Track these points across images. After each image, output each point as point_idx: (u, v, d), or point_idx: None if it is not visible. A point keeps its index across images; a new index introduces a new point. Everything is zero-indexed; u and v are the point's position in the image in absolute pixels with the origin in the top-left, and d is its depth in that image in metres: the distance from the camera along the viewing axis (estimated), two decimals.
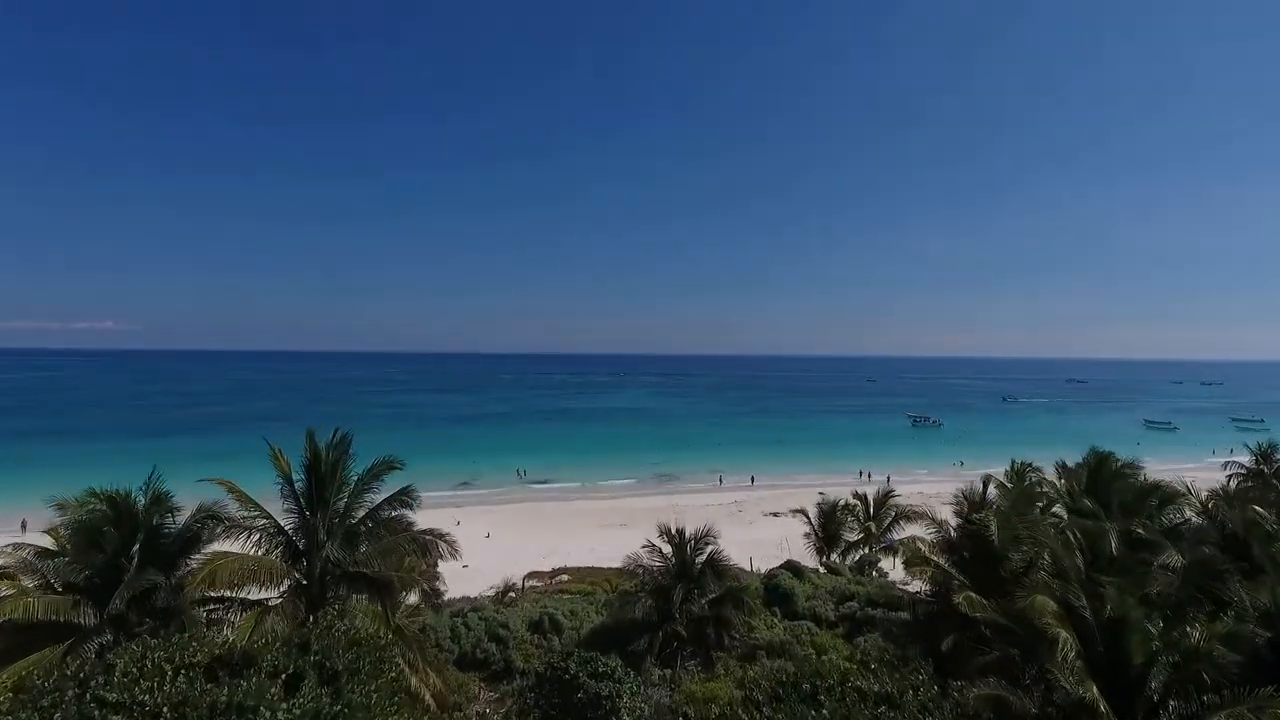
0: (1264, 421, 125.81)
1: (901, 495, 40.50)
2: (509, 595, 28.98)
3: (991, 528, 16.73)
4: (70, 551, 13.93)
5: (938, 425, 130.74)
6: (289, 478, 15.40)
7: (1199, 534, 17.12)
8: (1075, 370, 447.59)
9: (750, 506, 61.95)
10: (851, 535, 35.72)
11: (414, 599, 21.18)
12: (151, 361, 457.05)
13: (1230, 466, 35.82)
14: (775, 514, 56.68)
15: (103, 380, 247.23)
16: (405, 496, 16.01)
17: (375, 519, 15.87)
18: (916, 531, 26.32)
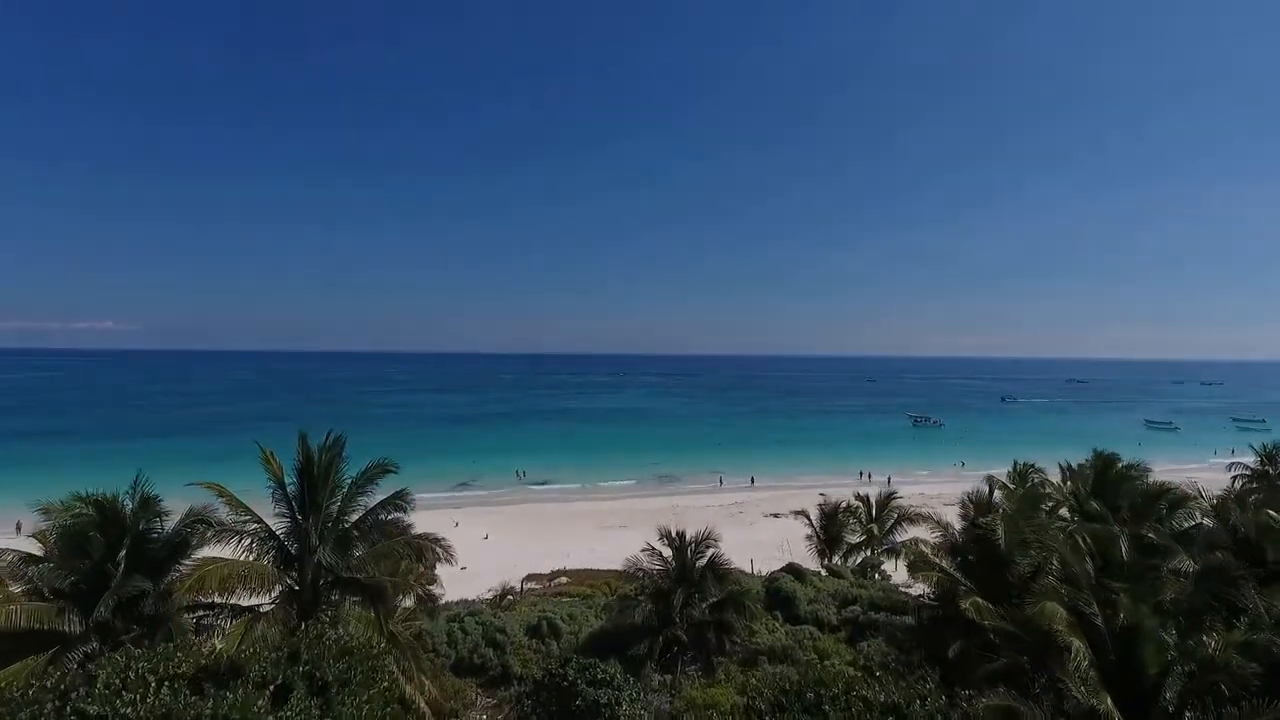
0: (1265, 421, 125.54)
1: (903, 496, 40.17)
2: (507, 599, 28.66)
3: (998, 531, 16.39)
4: (55, 557, 13.59)
5: (939, 425, 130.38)
6: (281, 481, 15.06)
7: (1211, 538, 16.78)
8: (1075, 370, 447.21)
9: (751, 508, 61.60)
10: (853, 537, 35.38)
11: (410, 603, 20.83)
12: (151, 361, 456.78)
13: (1235, 468, 35.51)
14: (776, 515, 56.35)
15: (103, 380, 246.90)
16: (399, 500, 15.67)
17: (369, 523, 15.53)
18: (919, 534, 26.00)
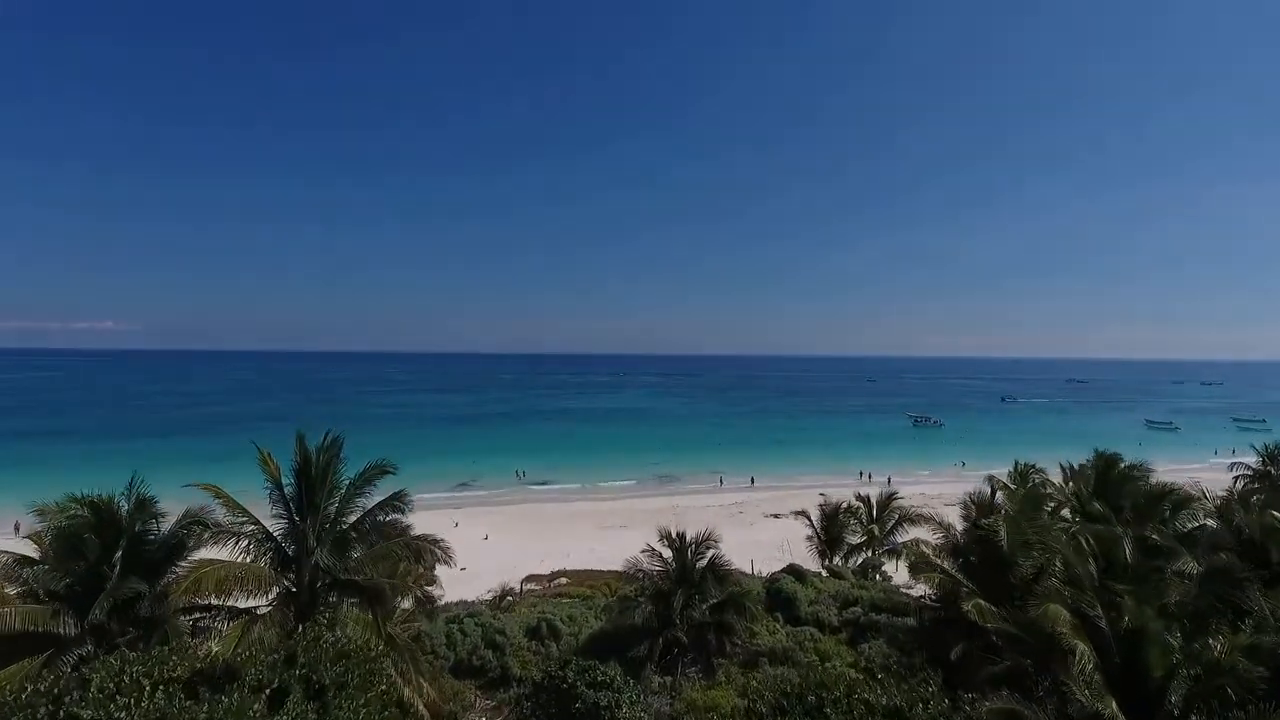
0: (1265, 421, 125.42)
1: (904, 497, 40.04)
2: (506, 600, 28.54)
3: (1001, 533, 16.27)
4: (50, 559, 13.48)
5: (939, 425, 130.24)
6: (278, 482, 14.95)
7: (1215, 540, 16.67)
8: (1075, 370, 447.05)
9: (751, 508, 61.49)
10: (854, 538, 35.27)
11: (408, 604, 20.74)
12: (151, 361, 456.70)
13: (1236, 468, 35.42)
14: (776, 515, 56.23)
15: (103, 380, 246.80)
16: (397, 501, 15.55)
17: (367, 524, 15.42)
18: (920, 534, 25.89)
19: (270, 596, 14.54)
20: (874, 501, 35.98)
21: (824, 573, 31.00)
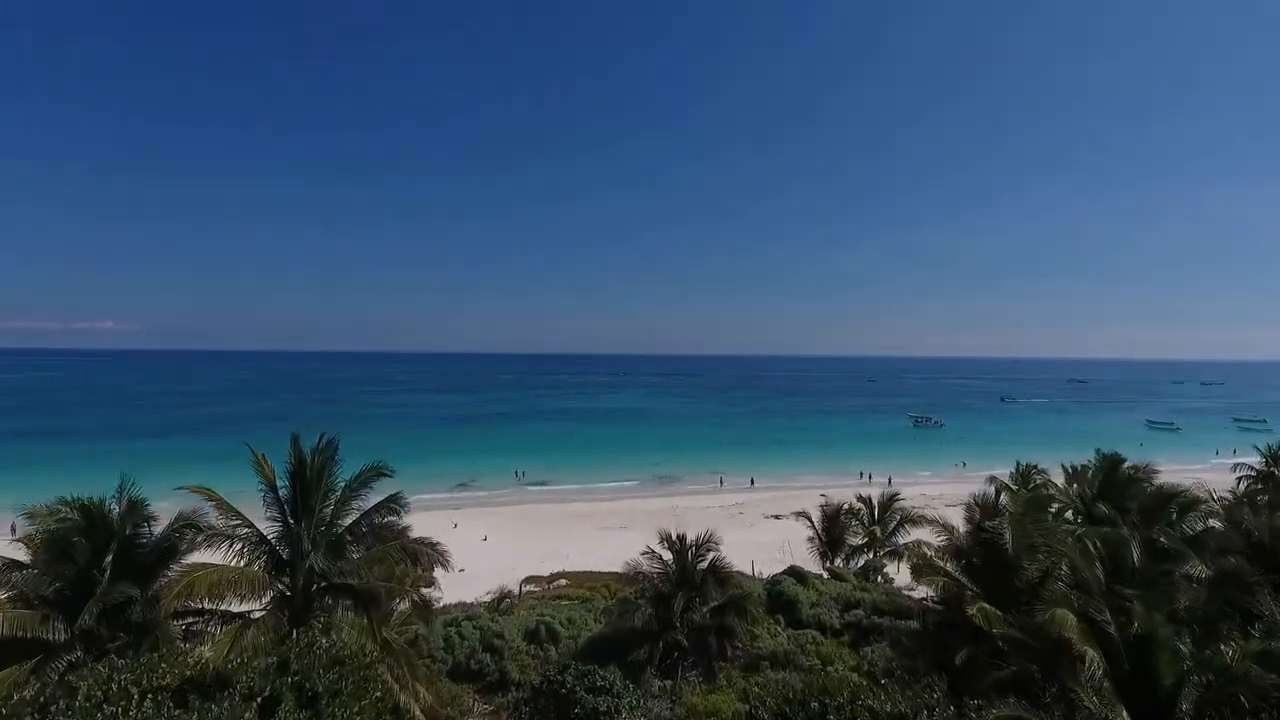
0: (1266, 422, 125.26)
1: (905, 497, 39.77)
2: (505, 602, 28.31)
3: (1006, 536, 16.03)
4: (40, 563, 13.24)
5: (939, 426, 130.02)
6: (273, 484, 14.71)
7: (1223, 543, 16.44)
8: (1075, 370, 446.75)
9: (751, 509, 61.28)
10: (856, 539, 35.02)
11: (405, 606, 20.50)
12: (151, 361, 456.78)
13: (1240, 469, 35.23)
14: (777, 516, 56.03)
15: (103, 380, 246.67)
16: (394, 504, 15.31)
17: (363, 527, 15.19)
18: (922, 535, 25.65)
19: (264, 600, 14.32)
20: (875, 503, 35.72)
21: (825, 574, 30.77)
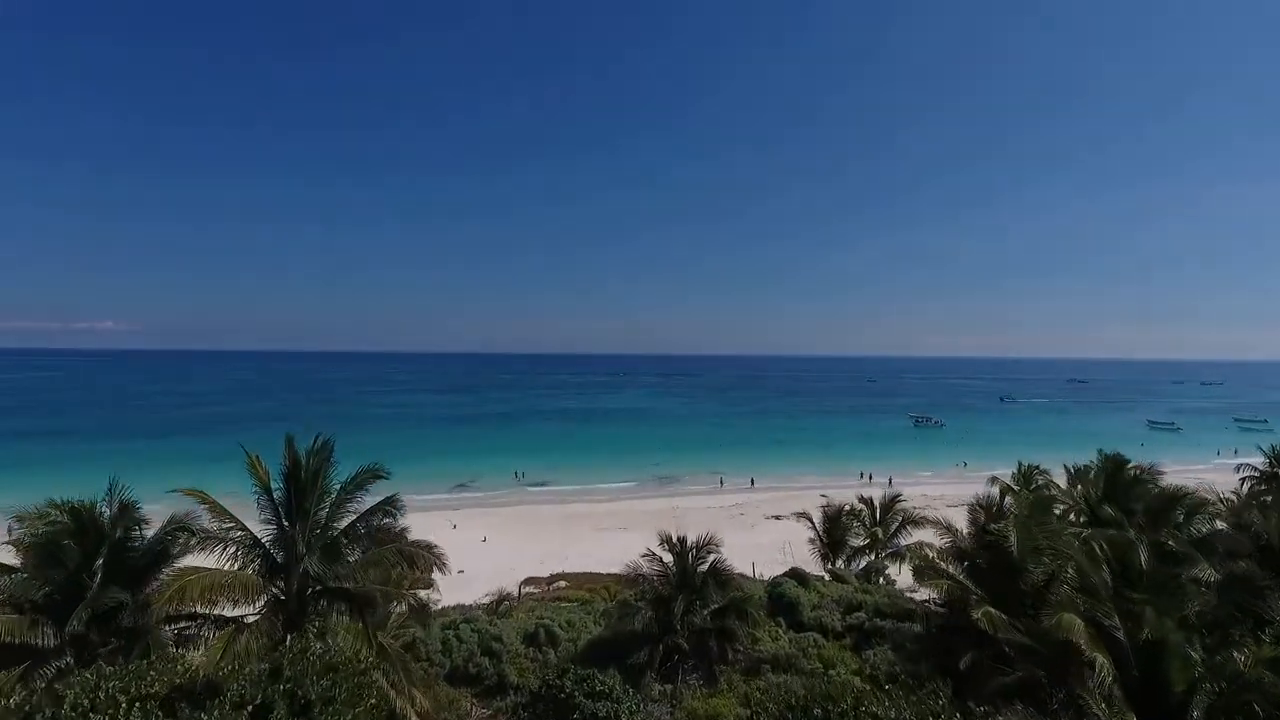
0: (1267, 422, 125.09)
1: (906, 498, 39.55)
2: (503, 605, 28.08)
3: (1011, 538, 15.80)
4: (29, 567, 13.01)
5: (940, 426, 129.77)
6: (267, 487, 14.46)
7: (1231, 545, 16.21)
8: (1075, 370, 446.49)
9: (751, 509, 61.03)
10: (857, 541, 34.79)
11: (403, 608, 20.26)
12: (151, 361, 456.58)
13: (1243, 469, 35.02)
14: (777, 517, 55.79)
15: (103, 380, 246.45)
16: (390, 506, 15.08)
17: (359, 530, 14.96)
18: (924, 537, 25.42)
19: (259, 605, 14.09)
20: (877, 504, 35.49)
21: (826, 576, 30.58)
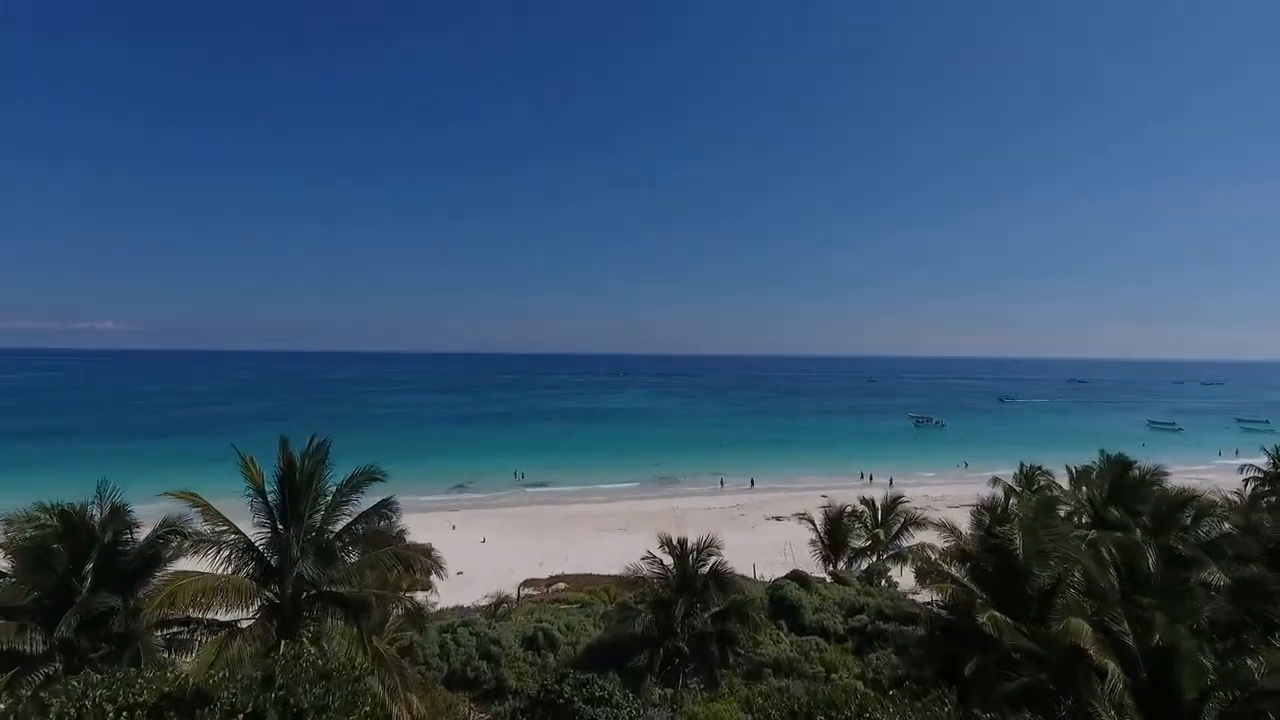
0: (1269, 422, 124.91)
1: (908, 499, 39.34)
2: (502, 607, 27.84)
3: (1016, 541, 15.57)
4: (17, 572, 12.78)
5: (940, 426, 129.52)
6: (261, 489, 14.23)
7: (1240, 549, 15.97)
8: (1075, 370, 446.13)
9: (752, 510, 60.79)
10: (859, 542, 34.57)
11: (400, 612, 20.04)
12: (151, 361, 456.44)
13: (1246, 470, 34.83)
14: (778, 518, 55.58)
15: (103, 380, 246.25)
16: (385, 509, 14.84)
17: (354, 533, 14.72)
18: (926, 538, 25.18)
19: (252, 609, 13.85)
20: (878, 505, 35.27)
21: (828, 578, 30.34)
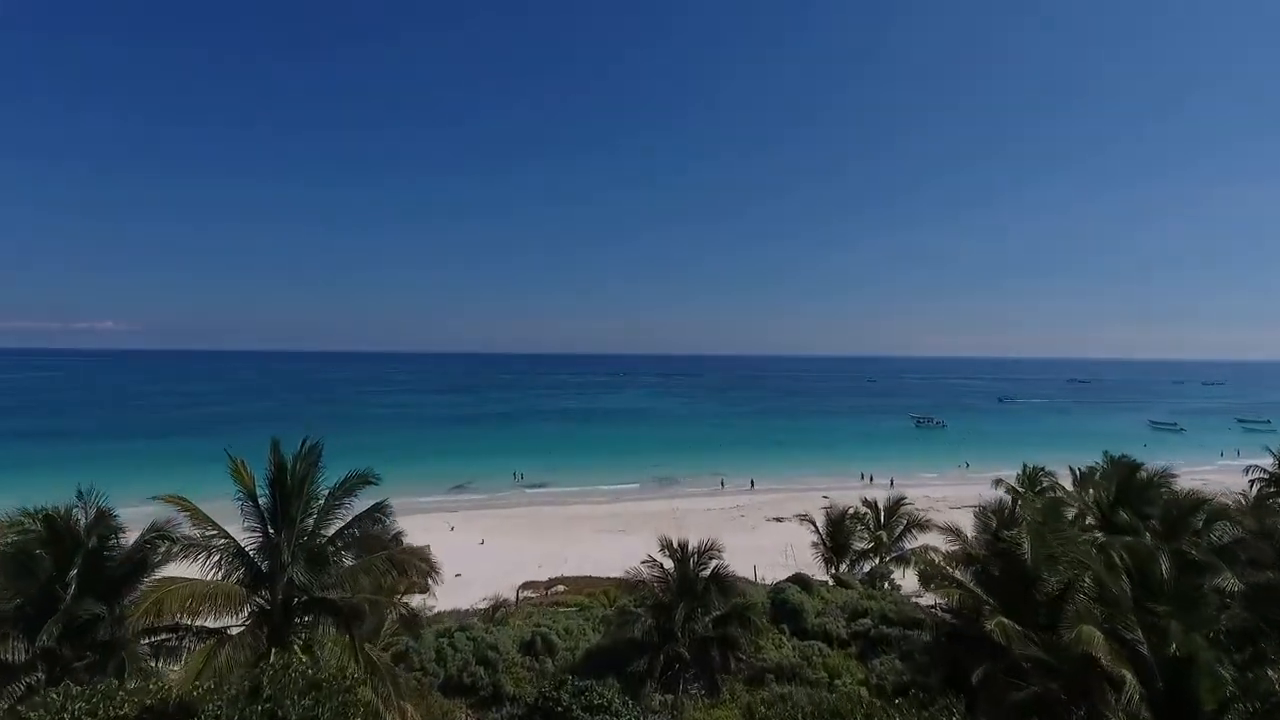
0: (1270, 422, 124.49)
1: (910, 500, 39.00)
2: (500, 611, 27.50)
3: (1024, 545, 15.22)
4: (0, 578, 12.44)
5: (941, 426, 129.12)
6: (252, 493, 13.90)
7: (1254, 553, 15.63)
8: (1075, 370, 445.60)
9: (752, 511, 60.41)
10: (861, 544, 34.20)
11: (395, 617, 19.70)
12: (151, 361, 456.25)
13: (1251, 470, 34.44)
14: (778, 519, 55.24)
15: (103, 380, 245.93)
16: (379, 513, 14.51)
17: (347, 538, 14.38)
18: (929, 540, 24.84)
19: (242, 616, 13.52)
20: (881, 506, 34.93)
21: (830, 581, 29.99)
